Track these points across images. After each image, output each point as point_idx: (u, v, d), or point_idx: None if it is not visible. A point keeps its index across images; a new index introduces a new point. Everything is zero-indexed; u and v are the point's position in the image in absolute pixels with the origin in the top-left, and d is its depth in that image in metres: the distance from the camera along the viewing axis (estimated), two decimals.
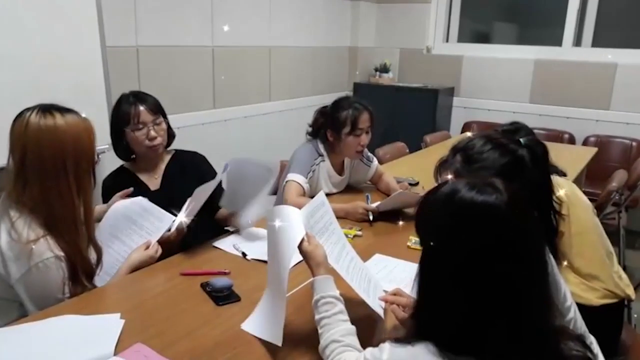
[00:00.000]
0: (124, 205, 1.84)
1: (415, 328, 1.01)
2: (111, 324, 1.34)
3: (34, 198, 1.46)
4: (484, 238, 0.92)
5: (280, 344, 1.26)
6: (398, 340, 1.00)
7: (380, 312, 1.35)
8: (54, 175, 1.45)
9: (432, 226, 1.00)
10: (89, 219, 1.57)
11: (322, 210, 1.43)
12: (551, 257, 1.19)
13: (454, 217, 0.96)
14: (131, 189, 1.92)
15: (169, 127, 2.09)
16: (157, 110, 2.03)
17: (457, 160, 1.42)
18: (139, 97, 2.01)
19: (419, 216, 1.04)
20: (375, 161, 2.68)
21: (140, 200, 1.86)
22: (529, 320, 0.92)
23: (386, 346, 1.00)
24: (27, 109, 1.49)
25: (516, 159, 1.33)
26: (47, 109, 1.48)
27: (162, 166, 2.13)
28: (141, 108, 1.97)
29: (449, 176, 1.38)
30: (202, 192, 1.83)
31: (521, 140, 1.38)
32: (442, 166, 1.47)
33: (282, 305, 1.27)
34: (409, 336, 0.99)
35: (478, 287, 0.92)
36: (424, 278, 1.00)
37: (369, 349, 1.04)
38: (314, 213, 1.39)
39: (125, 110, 1.97)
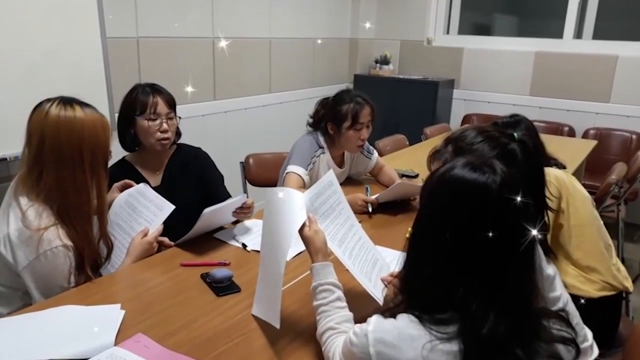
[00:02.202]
0: (128, 193, 1.86)
1: (399, 302, 1.05)
2: (112, 314, 1.35)
3: (49, 186, 1.48)
4: (469, 214, 0.97)
5: (277, 326, 1.27)
6: (384, 312, 1.04)
7: (380, 298, 1.34)
8: (70, 164, 1.48)
9: (425, 197, 1.05)
10: (103, 213, 1.59)
11: (329, 191, 1.41)
12: (539, 248, 1.20)
13: (443, 190, 1.02)
14: (132, 182, 1.91)
15: (177, 126, 2.08)
16: (172, 105, 2.03)
17: (447, 150, 1.42)
18: (155, 88, 2.01)
19: (422, 187, 1.09)
20: (376, 153, 2.69)
21: (141, 187, 1.88)
22: (508, 296, 0.95)
23: (373, 318, 1.03)
24: (47, 100, 1.52)
25: (506, 152, 1.33)
26: (67, 101, 1.52)
27: (165, 161, 2.12)
28: (158, 99, 1.98)
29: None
30: (212, 216, 1.84)
31: (515, 134, 1.38)
32: (434, 156, 1.47)
33: (278, 288, 1.28)
34: (394, 309, 1.04)
35: (460, 261, 0.96)
36: (412, 247, 1.05)
37: (358, 324, 1.06)
38: (320, 194, 1.38)
39: (142, 99, 1.97)
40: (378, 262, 1.46)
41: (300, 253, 1.74)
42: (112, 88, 2.82)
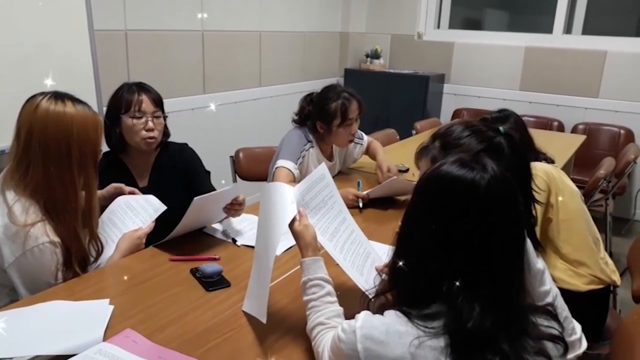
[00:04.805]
0: (132, 197, 1.85)
1: (387, 296, 1.07)
2: (100, 309, 1.34)
3: (35, 180, 1.46)
4: (455, 210, 0.97)
5: (264, 321, 1.27)
6: (369, 303, 1.06)
7: (371, 292, 1.34)
8: (57, 159, 1.46)
9: (416, 192, 1.06)
10: (93, 214, 1.57)
11: (321, 184, 1.40)
12: (528, 242, 1.20)
13: (431, 185, 1.03)
14: (139, 192, 1.89)
15: (165, 125, 2.04)
16: (159, 103, 1.99)
17: (435, 146, 1.42)
18: (142, 86, 1.98)
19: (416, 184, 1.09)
20: (366, 137, 2.71)
21: (149, 197, 1.86)
22: (494, 291, 0.96)
23: (361, 315, 1.03)
24: (41, 93, 1.50)
25: (493, 146, 1.34)
26: (59, 96, 1.50)
27: (151, 162, 2.08)
28: (144, 97, 1.94)
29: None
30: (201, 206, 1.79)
31: (500, 128, 1.39)
32: (421, 152, 1.47)
33: (266, 283, 1.28)
34: (383, 306, 1.04)
35: (446, 255, 0.97)
36: (400, 240, 1.06)
37: (347, 321, 1.06)
38: (311, 188, 1.37)
39: (127, 97, 1.93)
40: (370, 256, 1.45)
41: (290, 248, 1.73)
42: (101, 81, 2.79)
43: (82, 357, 1.15)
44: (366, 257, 1.43)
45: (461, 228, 0.96)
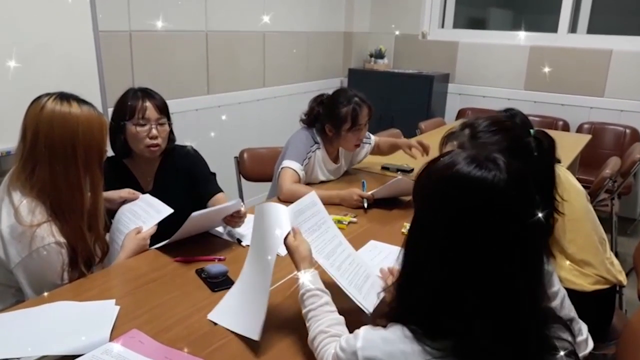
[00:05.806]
0: (132, 202, 1.86)
1: (395, 308, 0.99)
2: (106, 310, 1.34)
3: (42, 181, 1.47)
4: (477, 214, 0.89)
5: (257, 339, 1.24)
6: (376, 320, 0.99)
7: (370, 310, 1.31)
8: (63, 160, 1.47)
9: (426, 195, 0.97)
10: (99, 214, 1.58)
11: (312, 210, 1.42)
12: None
13: (448, 189, 0.93)
14: (138, 193, 1.90)
15: (170, 131, 2.03)
16: (164, 110, 1.98)
17: (464, 133, 1.41)
18: (146, 92, 1.97)
19: (417, 184, 1.00)
20: (373, 137, 2.72)
21: (145, 196, 1.88)
22: (517, 312, 0.88)
23: (361, 332, 0.98)
24: (46, 94, 1.52)
25: (521, 145, 1.32)
26: (65, 97, 1.51)
27: (156, 166, 2.07)
28: (148, 104, 1.93)
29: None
30: (199, 221, 1.77)
31: (531, 130, 1.38)
32: (448, 137, 1.46)
33: (264, 301, 1.25)
34: (387, 319, 0.97)
35: (464, 265, 0.88)
36: (409, 249, 0.98)
37: (345, 336, 1.04)
38: (302, 212, 1.39)
39: (132, 104, 1.92)
40: (370, 278, 1.43)
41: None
42: (105, 82, 2.80)
43: (89, 357, 1.16)
44: (366, 278, 1.41)
45: (476, 232, 0.88)
